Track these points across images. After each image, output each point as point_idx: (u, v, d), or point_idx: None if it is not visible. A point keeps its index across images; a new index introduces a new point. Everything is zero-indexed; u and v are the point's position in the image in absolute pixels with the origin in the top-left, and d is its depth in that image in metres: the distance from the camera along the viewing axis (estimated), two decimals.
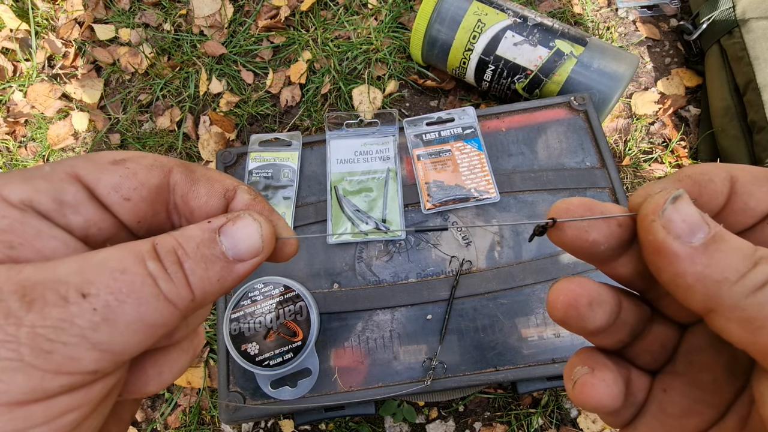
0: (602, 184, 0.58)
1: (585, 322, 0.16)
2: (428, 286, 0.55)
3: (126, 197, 0.16)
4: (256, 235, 0.16)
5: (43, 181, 0.15)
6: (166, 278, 0.14)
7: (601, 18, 0.88)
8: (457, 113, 0.63)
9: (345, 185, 0.60)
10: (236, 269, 0.16)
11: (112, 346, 0.13)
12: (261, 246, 0.16)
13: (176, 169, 0.17)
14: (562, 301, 0.16)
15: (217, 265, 0.15)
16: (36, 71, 0.93)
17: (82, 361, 0.13)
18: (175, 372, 0.18)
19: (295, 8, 0.91)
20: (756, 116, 0.65)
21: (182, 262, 0.15)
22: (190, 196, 0.17)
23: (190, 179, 0.17)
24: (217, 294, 0.15)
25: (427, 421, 0.66)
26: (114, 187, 0.16)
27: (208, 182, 0.17)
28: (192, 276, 0.15)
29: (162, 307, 0.14)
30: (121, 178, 0.16)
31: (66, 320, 0.12)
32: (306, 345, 0.50)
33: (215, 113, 0.84)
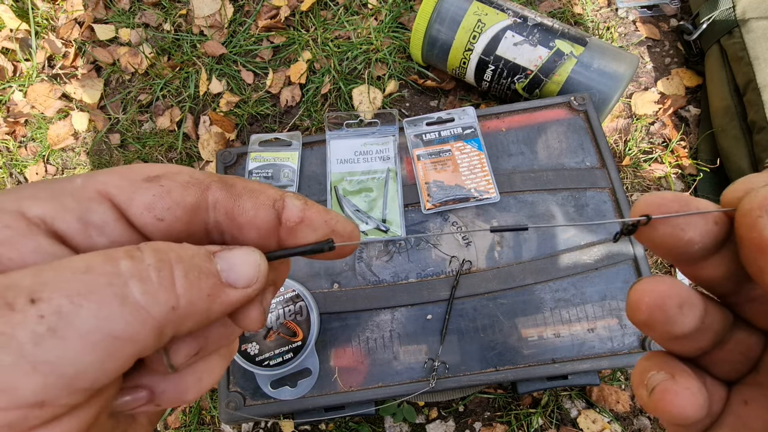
0: (602, 184, 0.58)
1: (673, 326, 0.14)
2: (428, 286, 0.55)
3: (159, 218, 0.15)
4: (254, 263, 0.15)
5: (70, 199, 0.13)
6: (139, 278, 0.12)
7: (601, 18, 0.88)
8: (457, 113, 0.63)
9: (345, 185, 0.60)
10: (227, 293, 0.14)
11: (60, 368, 0.10)
12: (256, 276, 0.15)
13: (215, 185, 0.15)
14: (648, 302, 0.14)
15: (210, 279, 0.14)
16: (36, 71, 0.93)
17: (20, 390, 0.10)
18: (213, 378, 0.17)
19: (295, 8, 0.91)
20: (756, 116, 0.65)
21: (173, 264, 0.13)
22: (235, 212, 0.15)
23: (232, 194, 0.15)
24: (201, 313, 0.13)
25: (427, 421, 0.66)
26: (147, 207, 0.14)
27: (252, 195, 0.16)
28: (181, 280, 0.13)
29: (129, 313, 0.11)
30: (154, 197, 0.14)
31: (4, 333, 0.10)
32: (306, 345, 0.50)
33: (215, 113, 0.84)
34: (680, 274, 0.16)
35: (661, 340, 0.15)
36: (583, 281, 0.54)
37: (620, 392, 0.66)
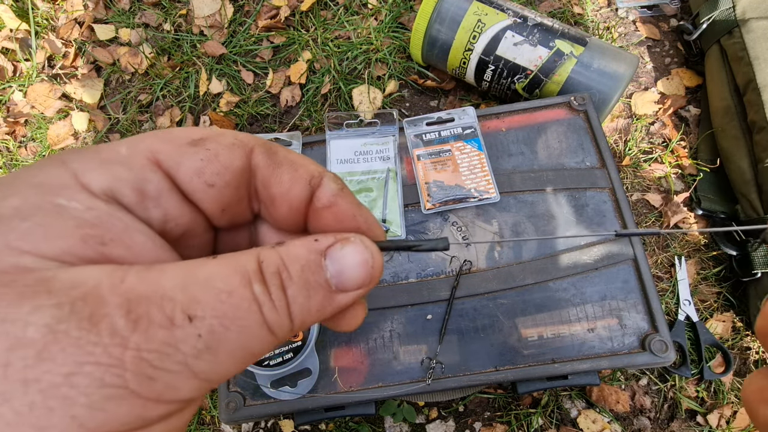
0: (602, 184, 0.58)
1: None
2: (428, 286, 0.55)
3: (210, 183, 0.14)
4: (366, 265, 0.15)
5: (123, 168, 0.13)
6: (270, 306, 0.13)
7: (601, 18, 0.88)
8: (457, 113, 0.63)
9: None
10: (337, 300, 0.14)
11: (211, 375, 0.12)
12: (369, 278, 0.15)
13: (258, 149, 0.15)
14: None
15: (319, 294, 0.14)
16: (36, 71, 0.93)
17: (182, 390, 0.12)
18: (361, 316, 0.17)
19: (295, 8, 0.91)
20: (756, 116, 0.65)
21: (286, 288, 0.13)
22: (272, 181, 0.15)
23: (273, 162, 0.15)
24: (313, 323, 0.14)
25: (427, 421, 0.66)
26: (196, 173, 0.14)
27: (291, 167, 0.15)
28: (294, 305, 0.14)
29: (264, 335, 0.13)
30: (202, 162, 0.14)
31: (171, 345, 0.12)
32: (306, 345, 0.50)
33: (215, 113, 0.84)
34: None
35: None
36: (583, 281, 0.54)
37: (620, 392, 0.66)
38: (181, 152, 0.14)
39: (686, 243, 0.72)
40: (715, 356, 0.67)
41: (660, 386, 0.66)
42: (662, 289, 0.70)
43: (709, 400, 0.66)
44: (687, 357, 0.65)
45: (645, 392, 0.66)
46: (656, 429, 0.65)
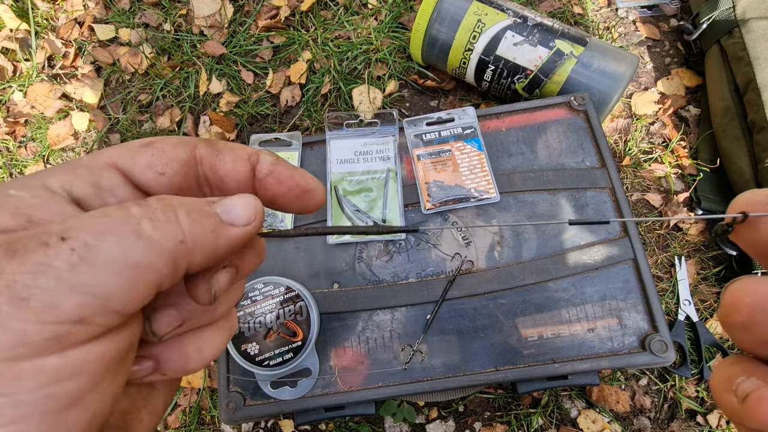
0: (602, 184, 0.58)
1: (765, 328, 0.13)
2: (428, 286, 0.55)
3: (160, 172, 0.17)
4: (249, 204, 0.17)
5: (83, 170, 0.16)
6: (150, 217, 0.14)
7: (601, 18, 0.88)
8: (457, 113, 0.63)
9: (345, 185, 0.60)
10: (229, 230, 0.16)
11: (93, 289, 0.12)
12: (253, 214, 0.17)
13: (200, 144, 0.18)
14: (749, 302, 0.13)
15: (211, 219, 0.16)
16: (36, 71, 0.93)
17: (63, 307, 0.12)
18: (214, 349, 0.18)
19: (295, 8, 0.91)
20: (756, 116, 0.65)
21: (176, 207, 0.15)
22: (218, 165, 0.18)
23: (215, 150, 0.18)
24: (209, 247, 0.15)
25: (427, 421, 0.66)
26: (148, 165, 0.17)
27: (231, 151, 0.18)
28: (184, 218, 0.15)
29: (144, 245, 0.13)
30: (152, 156, 0.17)
31: (43, 264, 0.12)
32: (306, 345, 0.50)
33: (215, 113, 0.84)
34: None
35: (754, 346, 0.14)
36: (583, 281, 0.54)
37: (620, 392, 0.66)
38: (134, 153, 0.17)
39: (686, 243, 0.72)
40: (715, 356, 0.67)
41: (660, 386, 0.66)
42: (662, 289, 0.70)
43: (709, 400, 0.66)
44: (687, 357, 0.65)
45: (645, 392, 0.66)
46: (656, 429, 0.65)
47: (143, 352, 0.17)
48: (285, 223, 0.59)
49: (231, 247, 0.16)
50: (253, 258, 0.19)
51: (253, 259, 0.19)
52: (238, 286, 0.20)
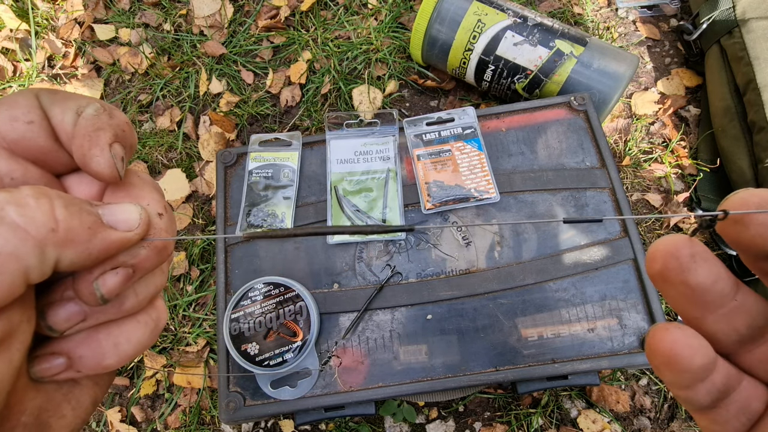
0: (602, 184, 0.58)
1: (686, 274, 0.14)
2: (428, 286, 0.55)
3: (27, 120, 0.16)
4: (135, 212, 0.16)
5: None
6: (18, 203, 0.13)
7: (601, 18, 0.88)
8: (457, 113, 0.63)
9: (345, 185, 0.60)
10: (108, 232, 0.15)
11: None
12: (137, 222, 0.16)
13: (41, 93, 0.16)
14: (662, 250, 0.14)
15: (90, 216, 0.15)
16: (36, 71, 0.93)
17: None
18: (134, 343, 0.17)
19: (295, 8, 0.91)
20: (756, 116, 0.65)
21: (53, 197, 0.14)
22: (50, 116, 0.16)
23: (51, 100, 0.16)
24: (83, 243, 0.14)
25: (427, 421, 0.66)
26: (11, 120, 0.15)
27: (64, 100, 0.16)
28: (60, 208, 0.14)
29: (7, 232, 0.13)
30: (8, 110, 0.16)
31: None
32: (306, 345, 0.50)
33: (215, 113, 0.84)
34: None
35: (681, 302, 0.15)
36: (583, 281, 0.54)
37: (620, 392, 0.66)
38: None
39: None
40: None
41: (660, 386, 0.66)
42: None
43: None
44: None
45: (645, 392, 0.66)
46: (656, 429, 0.65)
47: (54, 348, 0.16)
48: (285, 223, 0.59)
49: (107, 250, 0.15)
50: (154, 259, 0.17)
51: (154, 260, 0.17)
52: (155, 279, 0.18)
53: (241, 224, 0.59)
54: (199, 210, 0.80)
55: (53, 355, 0.16)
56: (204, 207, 0.81)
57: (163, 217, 0.18)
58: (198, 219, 0.80)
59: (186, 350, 0.72)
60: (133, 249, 0.16)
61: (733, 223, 0.14)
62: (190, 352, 0.72)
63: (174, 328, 0.74)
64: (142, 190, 0.18)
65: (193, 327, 0.73)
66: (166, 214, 0.18)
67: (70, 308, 0.16)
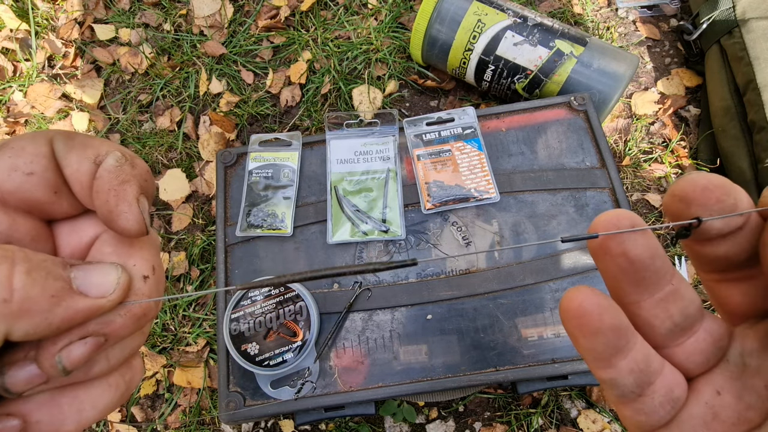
0: (602, 184, 0.58)
1: (626, 244, 0.14)
2: (428, 286, 0.55)
3: (27, 172, 0.15)
4: (111, 275, 0.15)
5: None
6: None
7: (601, 18, 0.88)
8: (457, 113, 0.63)
9: (345, 185, 0.60)
10: (77, 300, 0.14)
11: None
12: (112, 287, 0.14)
13: (56, 137, 0.15)
14: (604, 221, 0.15)
15: (57, 282, 0.13)
16: (36, 71, 0.93)
17: None
18: (99, 409, 0.16)
19: (295, 8, 0.91)
20: (756, 116, 0.65)
21: (16, 261, 0.13)
22: (64, 164, 0.15)
23: (67, 147, 0.15)
24: (41, 313, 0.13)
25: (427, 421, 0.66)
26: (10, 169, 0.14)
27: (81, 149, 0.15)
28: (20, 275, 0.13)
29: None
30: (12, 157, 0.15)
31: None
32: (306, 345, 0.50)
33: (215, 113, 0.84)
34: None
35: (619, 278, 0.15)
36: (583, 281, 0.54)
37: None
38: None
39: None
40: None
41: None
42: None
43: None
44: None
45: None
46: None
47: (9, 409, 0.15)
48: (285, 223, 0.59)
49: (71, 320, 0.14)
50: (131, 327, 0.15)
51: (130, 328, 0.15)
52: (132, 342, 0.17)
53: (241, 224, 0.59)
54: (199, 210, 0.80)
55: (7, 417, 0.14)
56: (204, 207, 0.81)
57: (149, 280, 0.16)
58: (198, 219, 0.80)
59: (186, 350, 0.72)
60: (107, 316, 0.15)
61: (680, 202, 0.14)
62: (190, 352, 0.72)
63: (174, 328, 0.74)
64: (132, 247, 0.16)
65: (193, 327, 0.73)
66: (153, 276, 0.16)
67: (32, 370, 0.14)
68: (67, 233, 0.17)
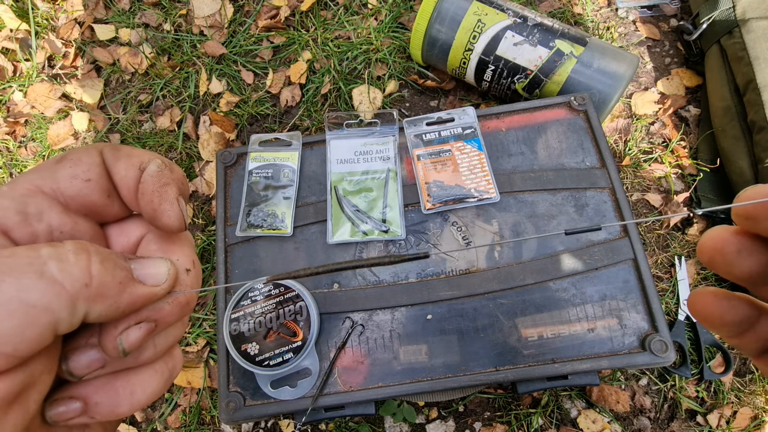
0: (602, 184, 0.58)
1: (732, 267, 0.16)
2: (428, 286, 0.55)
3: (86, 179, 0.17)
4: (164, 268, 0.17)
5: (5, 200, 0.16)
6: (59, 258, 0.14)
7: (601, 18, 0.88)
8: (457, 113, 0.63)
9: (345, 185, 0.60)
10: (138, 287, 0.16)
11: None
12: (164, 278, 0.17)
13: (105, 149, 0.18)
14: (710, 245, 0.16)
15: (123, 272, 0.16)
16: (36, 71, 0.93)
17: None
18: (148, 393, 0.18)
19: (295, 8, 0.91)
20: (756, 116, 0.65)
21: (91, 253, 0.15)
22: (113, 171, 0.18)
23: (115, 156, 0.18)
24: (112, 297, 0.15)
25: (427, 421, 0.66)
26: (72, 176, 0.17)
27: (128, 158, 0.18)
28: (96, 264, 0.15)
29: (45, 286, 0.13)
30: (72, 167, 0.17)
31: None
32: (306, 345, 0.50)
33: (215, 113, 0.84)
34: None
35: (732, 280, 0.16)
36: (583, 281, 0.54)
37: (620, 392, 0.66)
38: (53, 170, 0.17)
39: (686, 243, 0.72)
40: (715, 356, 0.67)
41: (660, 386, 0.66)
42: (662, 289, 0.70)
43: (709, 400, 0.66)
44: (687, 357, 0.65)
45: (645, 392, 0.66)
46: (656, 429, 0.65)
47: (71, 393, 0.16)
48: (285, 223, 0.59)
49: (134, 305, 0.16)
50: (177, 314, 0.18)
51: (177, 315, 0.18)
52: (174, 331, 0.19)
53: (241, 224, 0.59)
54: (199, 210, 0.80)
55: (70, 399, 0.16)
56: (204, 207, 0.81)
57: (191, 273, 0.19)
58: (198, 219, 0.80)
59: (186, 350, 0.72)
60: (158, 303, 0.17)
61: (744, 219, 0.15)
62: (190, 352, 0.72)
63: None
64: (173, 244, 0.19)
65: (193, 327, 0.73)
66: (193, 270, 0.19)
67: (92, 355, 0.16)
68: (117, 234, 0.19)
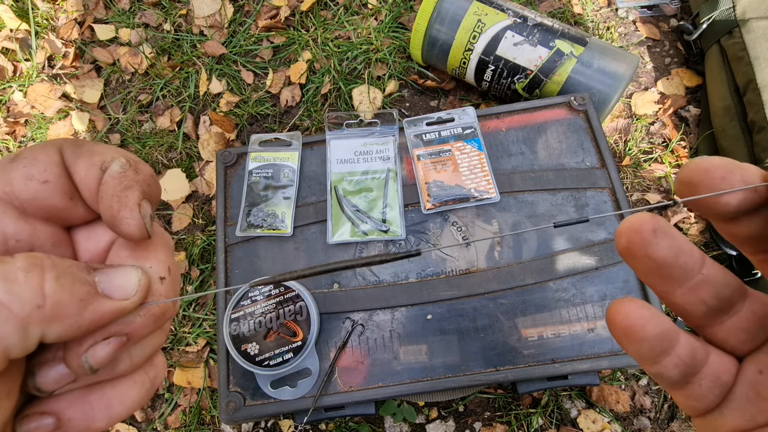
0: (602, 184, 0.58)
1: (648, 248, 0.15)
2: (428, 286, 0.55)
3: (43, 180, 0.15)
4: (134, 278, 0.15)
5: None
6: (4, 278, 0.13)
7: (601, 18, 0.88)
8: (457, 113, 0.63)
9: (345, 185, 0.60)
10: (103, 302, 0.14)
11: None
12: (134, 289, 0.15)
13: (65, 146, 0.16)
14: (627, 227, 0.15)
15: (84, 287, 0.14)
16: (36, 71, 0.93)
17: None
18: (127, 405, 0.17)
19: (295, 8, 0.91)
20: (756, 116, 0.65)
21: (45, 268, 0.13)
22: (73, 171, 0.16)
23: (75, 155, 0.16)
24: (72, 317, 0.14)
25: (427, 421, 0.66)
26: (26, 178, 0.15)
27: (89, 156, 0.16)
28: (50, 281, 0.13)
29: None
30: (26, 167, 0.15)
31: None
32: (306, 345, 0.50)
33: (215, 113, 0.84)
34: None
35: (648, 274, 0.16)
36: (583, 281, 0.54)
37: (620, 392, 0.66)
38: (5, 171, 0.15)
39: None
40: None
41: (660, 386, 0.66)
42: None
43: None
44: None
45: (645, 392, 0.66)
46: (656, 429, 0.65)
47: (43, 408, 0.15)
48: (285, 223, 0.59)
49: (98, 322, 0.14)
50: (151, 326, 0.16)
51: (150, 327, 0.16)
52: (153, 341, 0.17)
53: (241, 224, 0.59)
54: (199, 210, 0.80)
55: (42, 415, 0.15)
56: (204, 207, 0.81)
57: (165, 281, 0.17)
58: (198, 219, 0.80)
59: (186, 350, 0.72)
60: (128, 317, 0.16)
61: (685, 185, 0.15)
62: (190, 352, 0.72)
63: (174, 328, 0.74)
64: (146, 250, 0.17)
65: (193, 327, 0.73)
66: (169, 277, 0.17)
67: (60, 370, 0.15)
68: (85, 238, 0.18)
